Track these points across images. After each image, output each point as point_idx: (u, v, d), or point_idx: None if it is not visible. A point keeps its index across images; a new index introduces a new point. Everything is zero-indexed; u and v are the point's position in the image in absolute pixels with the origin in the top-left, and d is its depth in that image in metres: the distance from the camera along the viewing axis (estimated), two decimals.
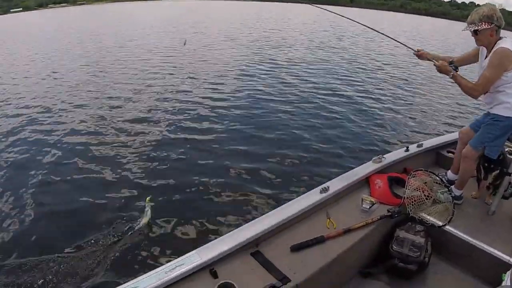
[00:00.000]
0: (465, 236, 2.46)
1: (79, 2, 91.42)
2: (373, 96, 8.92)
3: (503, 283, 1.90)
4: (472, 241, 2.43)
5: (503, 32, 2.46)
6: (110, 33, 21.43)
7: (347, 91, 9.12)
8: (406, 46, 3.07)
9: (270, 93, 8.52)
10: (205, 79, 9.63)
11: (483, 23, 2.38)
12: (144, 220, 3.61)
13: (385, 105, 8.27)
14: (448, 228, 2.49)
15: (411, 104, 8.73)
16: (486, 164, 2.80)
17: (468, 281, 2.38)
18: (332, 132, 6.25)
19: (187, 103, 7.55)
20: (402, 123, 7.17)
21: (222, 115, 6.88)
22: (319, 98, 8.30)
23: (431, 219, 2.51)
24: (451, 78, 2.53)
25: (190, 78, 9.88)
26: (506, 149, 2.92)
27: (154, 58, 12.97)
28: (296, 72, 10.88)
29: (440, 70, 2.59)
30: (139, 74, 10.45)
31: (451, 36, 30.51)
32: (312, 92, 8.79)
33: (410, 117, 7.58)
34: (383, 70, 12.59)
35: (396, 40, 3.21)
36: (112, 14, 43.23)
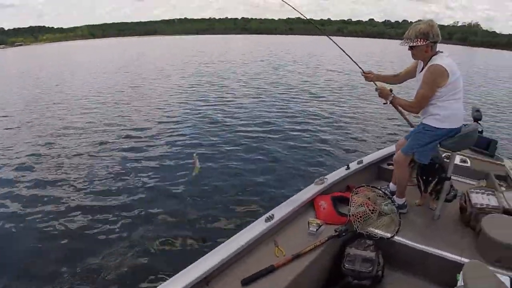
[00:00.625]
0: (414, 243, 2.50)
1: (17, 44, 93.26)
2: (309, 121, 8.97)
3: (458, 283, 1.92)
4: (422, 248, 2.47)
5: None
6: (47, 75, 20.95)
7: (283, 119, 9.11)
8: (357, 65, 3.17)
9: (201, 131, 8.23)
10: (123, 128, 8.66)
11: (419, 39, 2.45)
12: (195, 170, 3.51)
13: (323, 128, 8.36)
14: (397, 238, 2.52)
15: (349, 123, 8.90)
16: (424, 177, 2.91)
17: (425, 287, 2.39)
18: (272, 160, 6.19)
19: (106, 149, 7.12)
20: (342, 142, 7.27)
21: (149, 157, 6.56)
22: (255, 130, 8.17)
23: (379, 232, 2.53)
24: (390, 103, 2.70)
25: (106, 126, 8.97)
26: (444, 155, 3.03)
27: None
28: (230, 107, 10.74)
29: (381, 94, 2.75)
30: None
31: (386, 54, 32.00)
32: (248, 123, 8.71)
33: (349, 136, 7.72)
34: (317, 94, 12.84)
35: (352, 59, 3.28)
36: (52, 55, 42.90)
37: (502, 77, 22.97)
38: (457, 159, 3.76)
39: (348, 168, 3.18)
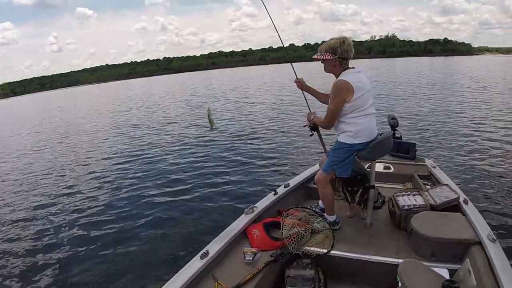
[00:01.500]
0: (351, 254, 2.55)
1: None
2: (230, 154, 8.87)
3: (400, 284, 1.96)
4: (359, 256, 2.53)
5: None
6: None
7: (205, 158, 8.82)
8: (295, 72, 3.25)
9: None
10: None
11: (327, 53, 2.57)
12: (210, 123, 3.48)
13: (246, 158, 8.28)
14: (334, 252, 2.56)
15: (272, 149, 8.91)
16: (349, 189, 3.02)
17: None
18: (200, 199, 6.01)
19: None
20: (267, 168, 7.27)
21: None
22: (177, 176, 7.62)
23: (315, 249, 2.56)
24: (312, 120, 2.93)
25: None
26: (366, 166, 3.16)
27: None
28: (149, 155, 9.93)
29: (308, 118, 3.00)
30: None
31: (307, 75, 33.36)
32: (167, 169, 8.19)
33: (274, 161, 7.73)
34: (239, 128, 12.76)
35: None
36: None
37: (418, 83, 25.25)
38: (381, 167, 3.95)
39: (276, 193, 3.21)
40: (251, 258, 2.40)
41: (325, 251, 2.54)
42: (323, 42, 2.75)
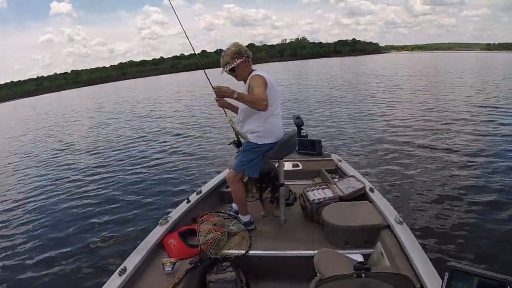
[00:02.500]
0: (269, 252, 2.63)
1: None
2: (139, 165, 8.69)
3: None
4: (277, 253, 2.61)
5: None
6: None
7: (113, 174, 8.41)
8: (209, 81, 3.14)
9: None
10: None
11: (236, 59, 2.64)
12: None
13: (155, 169, 8.14)
14: (252, 252, 2.61)
15: (181, 157, 8.90)
16: (258, 185, 3.11)
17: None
18: (110, 213, 5.78)
19: None
20: (178, 177, 7.24)
21: None
22: (90, 188, 7.41)
23: (234, 252, 2.59)
24: (236, 98, 2.50)
25: None
26: (276, 165, 3.26)
27: None
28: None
29: (225, 93, 2.53)
30: None
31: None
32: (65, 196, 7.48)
33: (185, 169, 7.72)
34: (143, 132, 12.92)
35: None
36: None
37: (326, 84, 26.73)
38: (289, 165, 4.13)
39: (188, 201, 3.19)
40: (171, 268, 2.35)
41: (243, 252, 2.58)
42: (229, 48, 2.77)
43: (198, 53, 3.88)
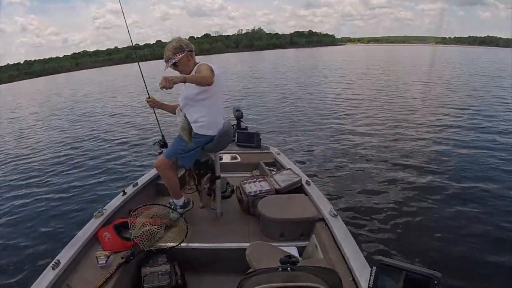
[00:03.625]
0: (204, 244, 2.67)
1: None
2: (78, 155, 8.55)
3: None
4: (212, 245, 2.66)
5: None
6: None
7: (45, 166, 8.12)
8: (147, 89, 3.17)
9: None
10: None
11: (177, 54, 2.62)
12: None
13: (90, 161, 8.01)
14: (188, 244, 2.64)
15: (116, 150, 8.75)
16: (196, 172, 3.12)
17: (232, 280, 2.55)
18: (44, 208, 5.60)
19: None
20: (114, 170, 7.16)
21: None
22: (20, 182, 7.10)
23: (168, 244, 2.60)
24: (185, 81, 2.38)
25: None
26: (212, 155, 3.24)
27: None
28: None
29: (175, 81, 2.28)
30: None
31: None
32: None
33: (120, 162, 7.65)
34: (78, 124, 12.80)
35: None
36: None
37: (273, 76, 27.00)
38: (228, 158, 4.19)
39: (124, 193, 3.15)
40: (104, 262, 2.33)
41: (178, 244, 2.60)
42: (190, 37, 2.79)
43: (153, 43, 3.78)
